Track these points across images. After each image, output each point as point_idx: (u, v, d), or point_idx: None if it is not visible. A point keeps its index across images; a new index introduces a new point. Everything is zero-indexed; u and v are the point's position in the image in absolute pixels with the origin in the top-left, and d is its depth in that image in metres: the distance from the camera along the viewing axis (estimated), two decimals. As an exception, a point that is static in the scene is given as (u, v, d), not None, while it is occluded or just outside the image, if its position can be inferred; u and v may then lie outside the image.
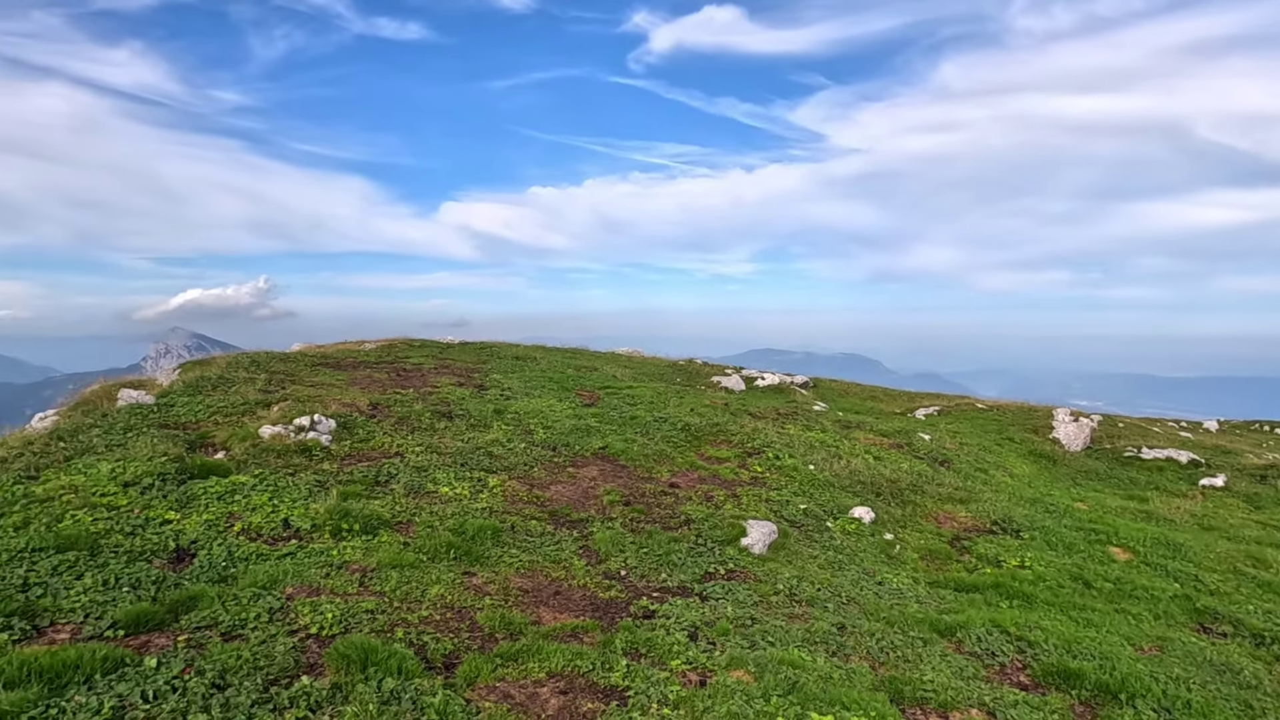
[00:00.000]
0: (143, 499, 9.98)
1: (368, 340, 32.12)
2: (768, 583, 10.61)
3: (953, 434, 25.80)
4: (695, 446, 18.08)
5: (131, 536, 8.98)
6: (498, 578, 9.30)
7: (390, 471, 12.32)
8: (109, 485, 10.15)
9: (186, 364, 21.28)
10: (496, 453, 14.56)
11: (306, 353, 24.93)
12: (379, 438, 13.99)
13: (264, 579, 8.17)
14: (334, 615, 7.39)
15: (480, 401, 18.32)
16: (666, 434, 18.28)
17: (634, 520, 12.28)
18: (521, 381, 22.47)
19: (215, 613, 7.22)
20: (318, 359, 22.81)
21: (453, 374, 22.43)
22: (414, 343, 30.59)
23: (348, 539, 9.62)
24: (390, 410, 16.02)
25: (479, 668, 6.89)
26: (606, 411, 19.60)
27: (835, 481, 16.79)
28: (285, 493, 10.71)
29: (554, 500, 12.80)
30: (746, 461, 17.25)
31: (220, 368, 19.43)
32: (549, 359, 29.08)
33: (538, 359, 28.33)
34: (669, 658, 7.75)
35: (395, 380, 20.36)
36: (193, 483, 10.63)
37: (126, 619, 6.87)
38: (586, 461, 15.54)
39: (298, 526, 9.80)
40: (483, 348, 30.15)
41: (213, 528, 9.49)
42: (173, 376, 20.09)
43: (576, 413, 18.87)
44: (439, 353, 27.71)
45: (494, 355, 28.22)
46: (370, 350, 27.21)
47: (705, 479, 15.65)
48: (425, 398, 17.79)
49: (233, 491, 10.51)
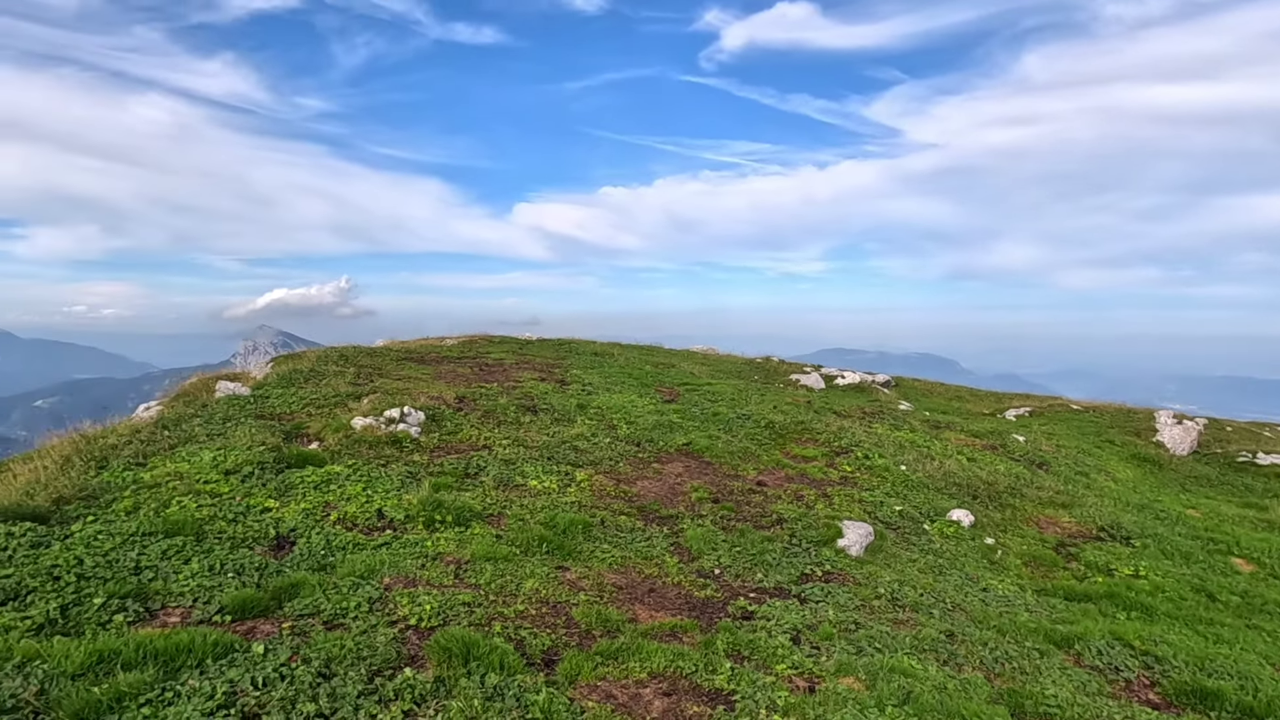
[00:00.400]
0: (243, 487, 10.15)
1: (448, 336, 32.63)
2: (868, 586, 10.11)
3: (1048, 436, 24.57)
4: (780, 444, 17.60)
5: (234, 523, 9.11)
6: (591, 573, 9.09)
7: (479, 464, 12.29)
8: (211, 473, 10.37)
9: (279, 358, 21.89)
10: (582, 447, 14.42)
11: (391, 347, 25.40)
12: (466, 430, 14.01)
13: (362, 568, 8.15)
14: (432, 607, 7.28)
15: (563, 396, 18.25)
16: (750, 431, 17.85)
17: (724, 518, 11.93)
18: (601, 377, 22.36)
19: (317, 601, 7.20)
20: (402, 354, 23.18)
21: (534, 369, 22.48)
22: (494, 339, 30.89)
23: (441, 530, 9.57)
24: (476, 404, 16.07)
25: (579, 665, 6.67)
26: (688, 408, 19.28)
27: (929, 483, 16.08)
28: (378, 483, 10.76)
29: (642, 496, 12.56)
30: (835, 461, 16.68)
31: (311, 361, 19.90)
32: (626, 355, 28.95)
33: (615, 355, 28.23)
34: (773, 661, 7.39)
35: (478, 374, 20.50)
36: (290, 472, 10.78)
37: (233, 604, 6.90)
38: (671, 458, 15.26)
39: (392, 517, 9.80)
40: (561, 344, 30.23)
41: (310, 516, 9.57)
42: (266, 370, 20.69)
43: (658, 409, 18.62)
44: (518, 348, 27.88)
45: (572, 351, 28.23)
46: (451, 346, 27.57)
47: (793, 478, 15.18)
48: (509, 392, 17.81)
49: (328, 481, 10.61)
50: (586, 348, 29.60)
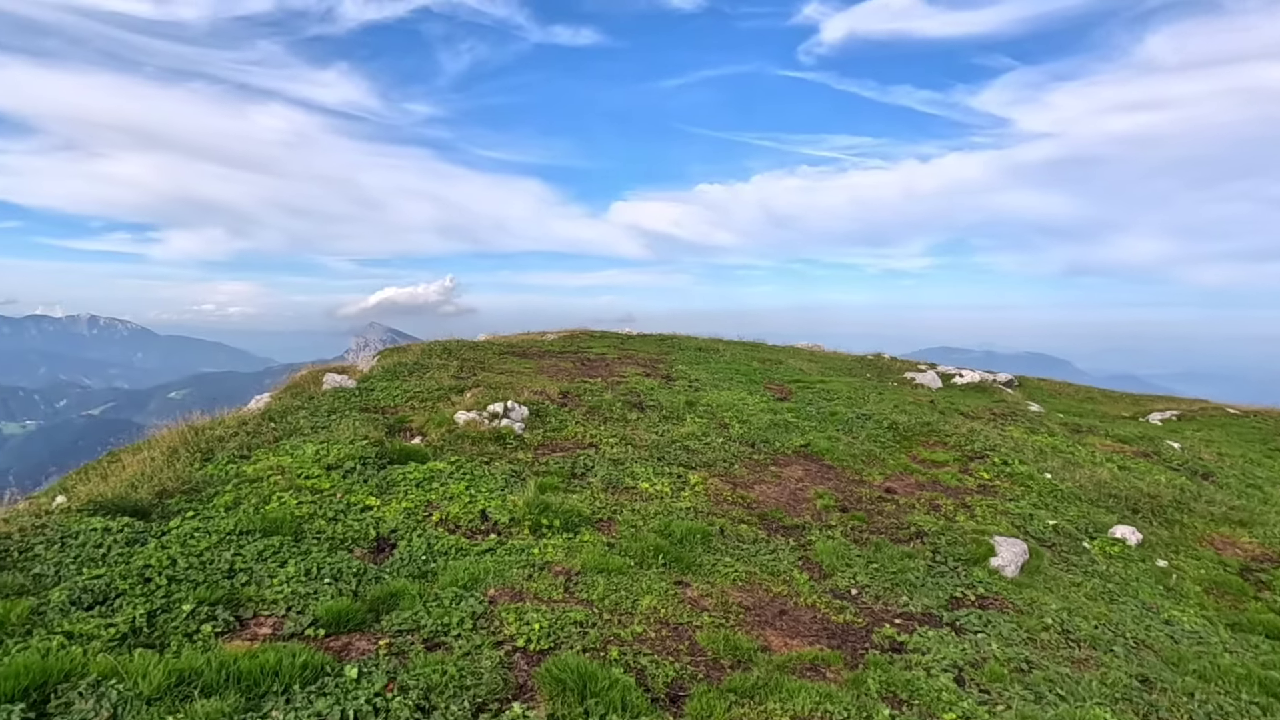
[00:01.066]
0: (344, 483, 9.66)
1: (549, 331, 32.29)
2: (1032, 615, 8.72)
3: (1206, 443, 21.95)
4: (905, 447, 16.13)
5: (333, 522, 8.59)
6: (714, 590, 8.10)
7: (586, 464, 11.48)
8: (313, 468, 9.93)
9: (384, 350, 21.87)
10: (693, 447, 13.44)
11: (493, 342, 25.13)
12: (571, 427, 13.26)
13: (465, 577, 7.42)
14: (541, 626, 6.46)
15: (670, 393, 17.32)
16: (872, 433, 16.44)
17: (855, 530, 10.71)
18: (708, 373, 21.33)
19: (417, 614, 6.49)
20: (504, 348, 22.80)
21: (637, 364, 21.66)
22: (594, 334, 30.31)
23: (548, 536, 8.78)
24: (581, 399, 15.33)
25: (711, 706, 5.69)
26: (802, 407, 18.01)
27: (1081, 494, 14.30)
28: (482, 482, 10.09)
29: (761, 502, 11.47)
30: (969, 466, 15.10)
31: (415, 354, 19.70)
32: (731, 351, 27.80)
33: (720, 351, 27.13)
34: (939, 709, 6.21)
35: (581, 369, 19.83)
36: (392, 468, 10.25)
37: (327, 616, 6.26)
38: (789, 460, 14.08)
39: (496, 519, 9.08)
40: (663, 339, 29.36)
41: (411, 516, 8.96)
42: (372, 362, 20.66)
43: (771, 407, 17.43)
44: (620, 343, 27.18)
45: (675, 346, 27.30)
46: (552, 340, 27.12)
47: (924, 484, 13.74)
48: (614, 387, 17.01)
49: (430, 479, 10.01)
50: (689, 343, 28.62)
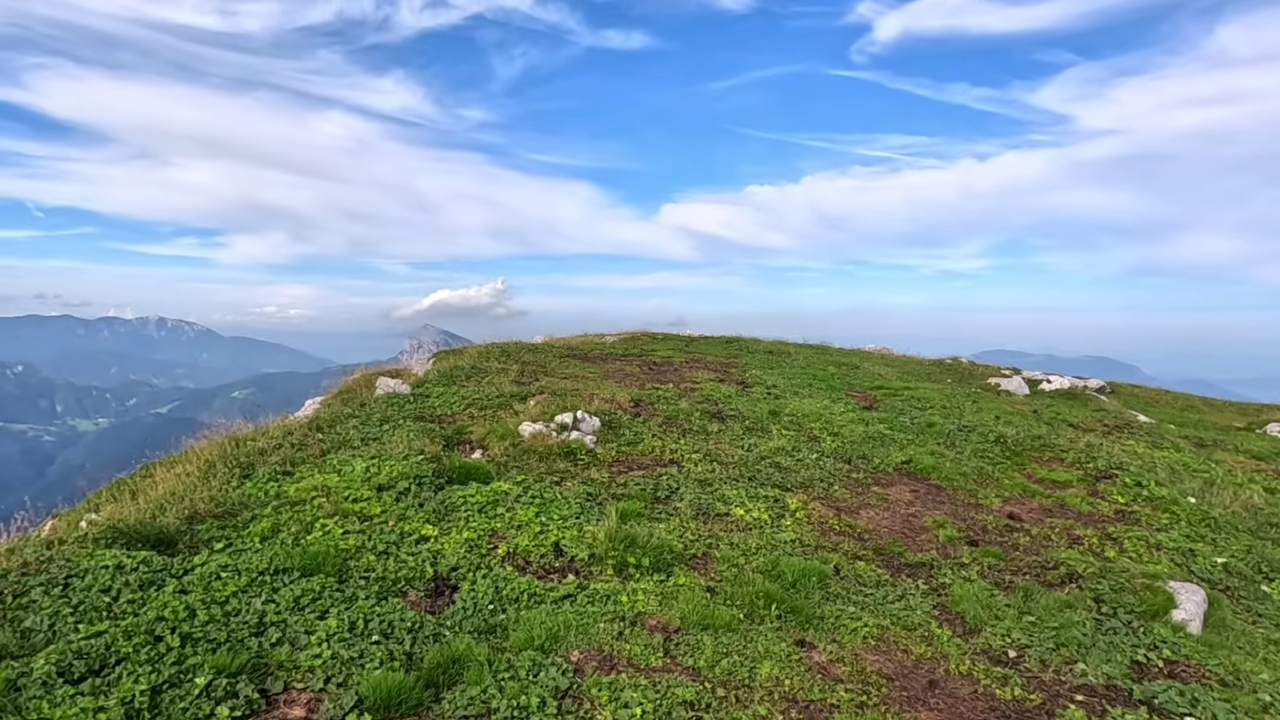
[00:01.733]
0: (397, 507, 8.35)
1: (608, 333, 30.96)
2: (1241, 689, 6.94)
3: (1348, 459, 19.50)
4: (1018, 464, 14.28)
5: (384, 557, 7.27)
6: (844, 653, 6.54)
7: (670, 485, 10.00)
8: (362, 489, 8.66)
9: (440, 353, 20.75)
10: (785, 464, 11.86)
11: (552, 344, 23.88)
12: (648, 440, 11.79)
13: (542, 634, 6.01)
14: (644, 710, 5.01)
15: (749, 401, 15.75)
16: (978, 447, 14.62)
17: (992, 568, 9.01)
18: (784, 379, 19.68)
19: (486, 691, 5.09)
20: (564, 350, 21.50)
21: (707, 368, 20.13)
22: (656, 335, 28.87)
23: (636, 578, 7.32)
24: (654, 408, 13.86)
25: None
26: (894, 417, 16.26)
27: (1236, 522, 12.30)
28: (553, 507, 8.68)
29: (873, 532, 9.84)
30: (1097, 488, 13.19)
31: (472, 357, 18.51)
32: (802, 355, 26.08)
33: (792, 354, 25.42)
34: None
35: (649, 374, 18.38)
36: (450, 489, 8.91)
37: (375, 695, 4.90)
38: (891, 479, 12.41)
39: (573, 554, 7.66)
40: (730, 341, 27.77)
41: (474, 550, 7.59)
42: (427, 366, 19.55)
43: (861, 417, 15.73)
44: (685, 345, 25.69)
45: (744, 349, 25.69)
46: (613, 342, 25.76)
47: (1051, 510, 11.93)
48: (688, 394, 15.51)
49: (494, 502, 8.64)
50: (758, 345, 26.97)
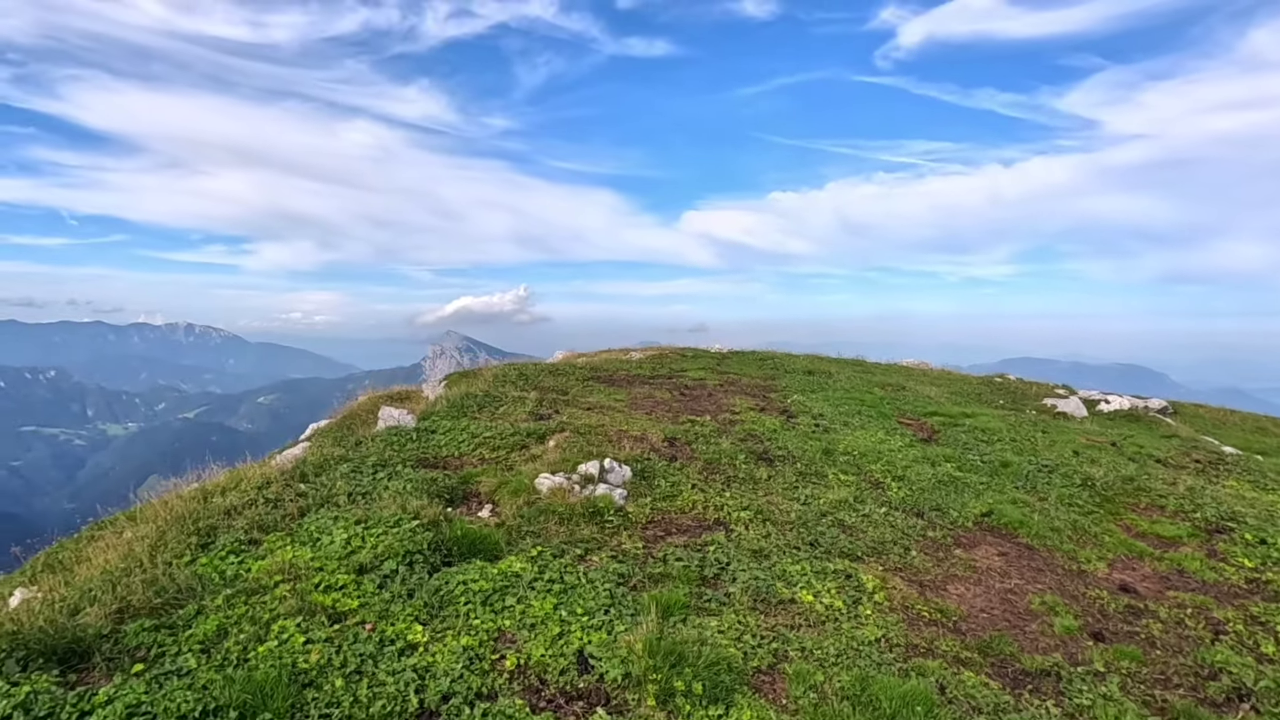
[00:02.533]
0: (379, 598, 6.63)
1: (633, 349, 29.22)
2: None
3: None
4: (1111, 513, 12.32)
5: (355, 680, 5.53)
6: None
7: (719, 558, 8.17)
8: (338, 571, 6.94)
9: (453, 376, 19.14)
10: (849, 522, 10.02)
11: (574, 364, 22.18)
12: (687, 493, 9.99)
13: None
14: None
15: (797, 436, 13.91)
16: (1063, 493, 12.68)
17: (1134, 677, 7.09)
18: (829, 405, 17.81)
19: None
20: (586, 372, 19.80)
21: (744, 393, 18.33)
22: (685, 352, 27.09)
23: (686, 711, 5.53)
24: (692, 448, 12.07)
25: None
26: (962, 454, 14.33)
27: (1391, 593, 10.27)
28: (577, 595, 6.92)
29: (970, 618, 7.97)
30: (1213, 545, 11.20)
31: (487, 382, 16.85)
32: (844, 374, 24.17)
33: (832, 374, 23.51)
34: None
35: (682, 400, 16.60)
36: (448, 573, 7.16)
37: None
38: (973, 537, 10.52)
39: (603, 671, 5.88)
40: (764, 359, 25.93)
41: (474, 666, 5.83)
42: (438, 390, 17.95)
43: (924, 454, 13.83)
44: (715, 364, 23.89)
45: (780, 369, 23.84)
46: (639, 360, 24.02)
47: (1169, 577, 9.97)
48: (728, 429, 13.70)
49: (503, 590, 6.89)
50: (794, 364, 25.09)
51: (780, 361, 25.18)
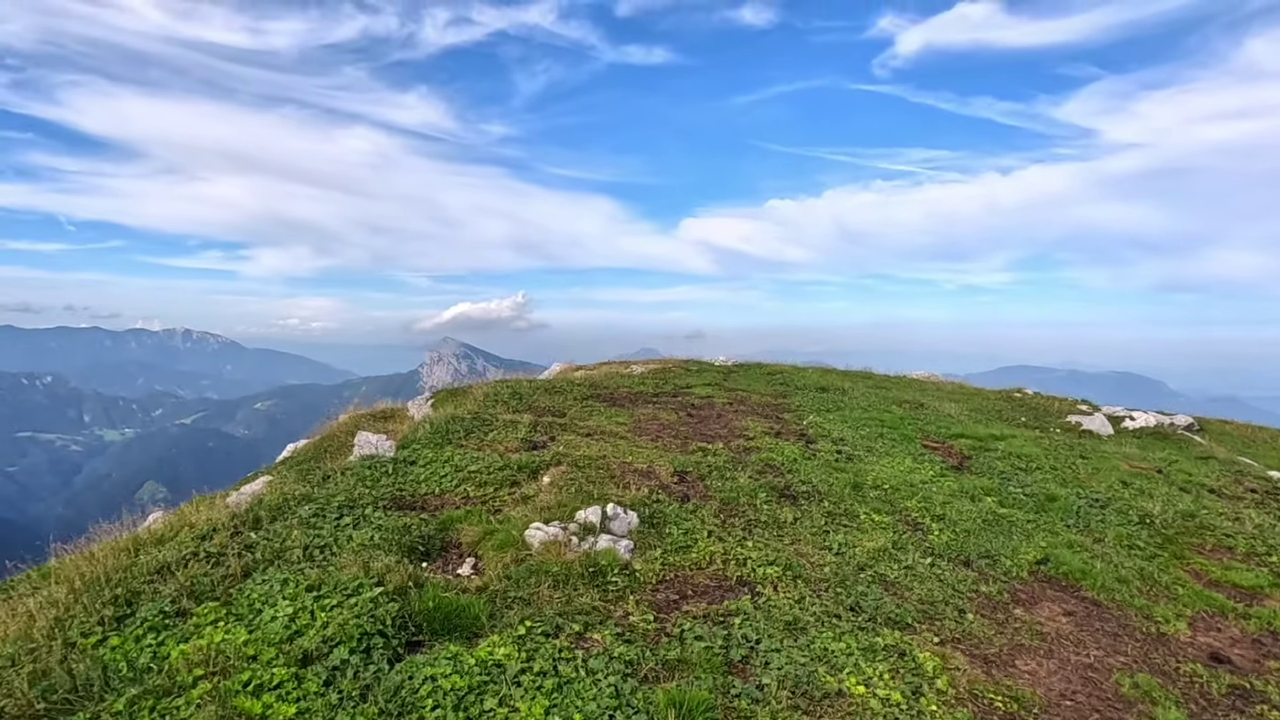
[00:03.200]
0: (323, 701, 5.22)
1: (633, 361, 27.85)
2: None
3: None
4: (1175, 555, 10.95)
5: (277, 836, 4.16)
6: None
7: (746, 635, 6.73)
8: (275, 663, 5.54)
9: (440, 394, 17.77)
10: (891, 576, 8.62)
11: (572, 379, 20.80)
12: (703, 543, 8.58)
13: None
14: None
15: (819, 466, 12.52)
16: (1121, 532, 11.30)
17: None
18: (848, 426, 16.43)
19: None
20: (586, 390, 18.41)
21: (756, 414, 16.94)
22: (689, 366, 25.71)
23: None
24: (705, 483, 10.67)
25: None
26: (1000, 485, 12.95)
27: None
28: (573, 695, 5.52)
29: (1050, 710, 6.56)
30: (1297, 597, 9.84)
31: (476, 401, 15.46)
32: (858, 390, 22.79)
33: (846, 390, 22.13)
34: None
35: (690, 423, 15.20)
36: (415, 661, 5.76)
37: None
38: (1031, 591, 9.13)
39: (606, 814, 4.50)
40: (772, 374, 24.55)
41: (439, 806, 4.45)
42: (424, 409, 16.58)
43: (962, 487, 12.45)
44: (722, 379, 22.50)
45: (790, 384, 22.46)
46: (641, 375, 22.64)
47: (1262, 641, 8.59)
48: (743, 458, 12.32)
49: (481, 688, 5.49)
50: (804, 379, 23.70)
51: (790, 376, 23.80)
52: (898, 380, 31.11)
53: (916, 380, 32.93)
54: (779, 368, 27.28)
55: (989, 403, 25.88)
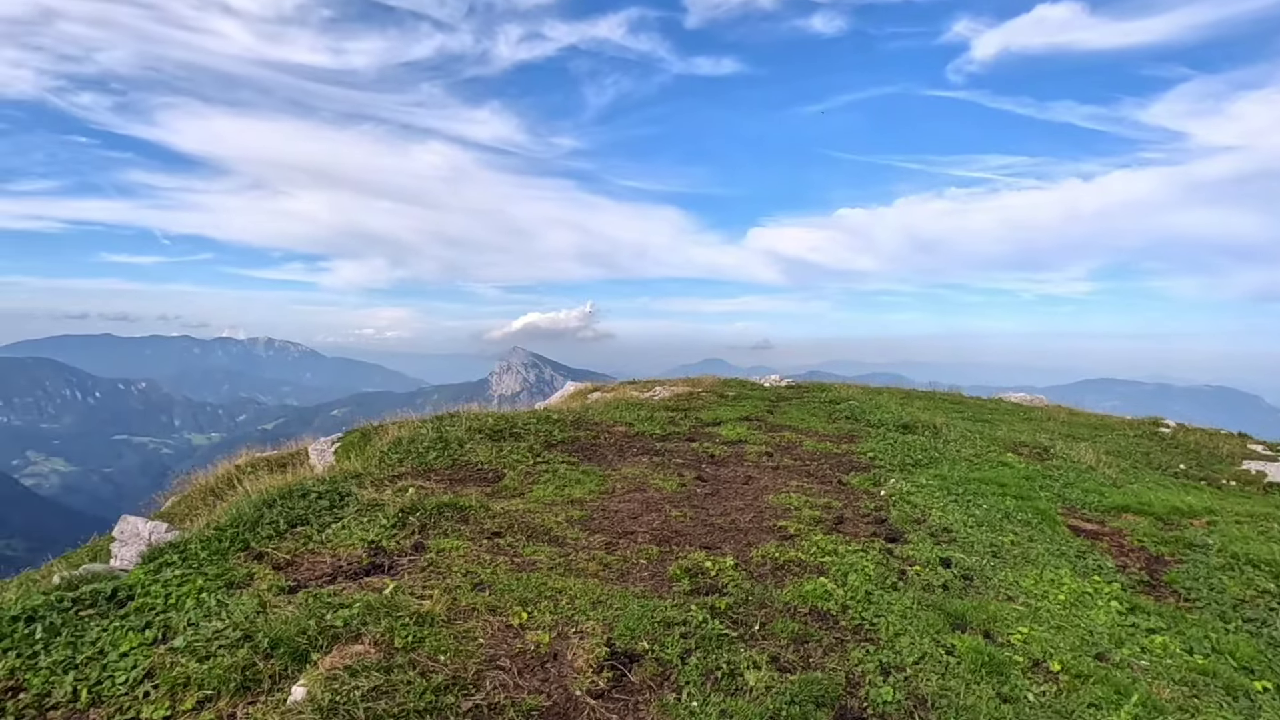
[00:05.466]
0: None
1: (660, 382, 22.22)
2: None
3: None
4: None
5: None
6: None
7: None
8: None
9: (350, 436, 12.60)
10: None
11: (564, 411, 15.33)
12: None
13: None
14: None
15: (913, 612, 6.66)
16: None
17: None
18: (955, 502, 10.44)
19: None
20: (566, 429, 12.90)
21: (805, 473, 11.14)
22: (726, 389, 19.98)
23: None
24: (662, 703, 5.04)
25: None
26: (1269, 653, 6.92)
27: None
28: None
29: None
30: None
31: (379, 452, 10.17)
32: (949, 424, 16.62)
33: (938, 429, 15.96)
34: None
35: (695, 495, 9.51)
36: None
37: None
38: None
39: None
40: (834, 402, 18.56)
41: None
42: (327, 456, 11.42)
43: (1195, 664, 6.49)
44: (766, 409, 16.74)
45: (859, 417, 16.46)
46: (658, 403, 17.06)
47: None
48: (766, 592, 6.61)
49: None
50: (878, 408, 17.61)
51: (860, 405, 17.76)
52: (996, 406, 24.67)
53: (1019, 405, 26.39)
54: (844, 390, 21.22)
55: (1128, 441, 19.33)
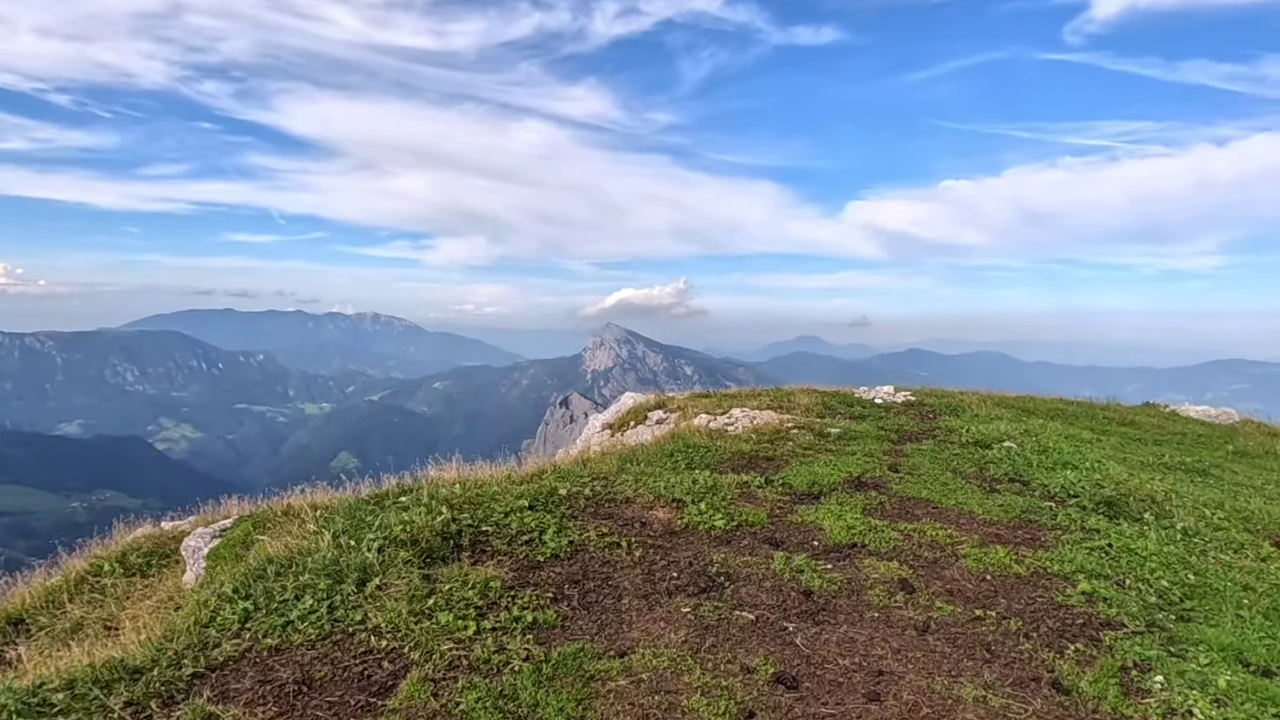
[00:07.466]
0: None
1: (737, 397, 17.19)
2: None
3: None
4: None
5: None
6: None
7: None
8: None
9: (239, 527, 8.26)
10: None
11: (575, 479, 10.70)
12: None
13: None
14: None
15: None
16: None
17: None
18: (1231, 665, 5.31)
19: None
20: (578, 513, 8.29)
21: (984, 645, 6.18)
22: (828, 408, 14.85)
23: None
24: None
25: None
26: None
27: None
28: None
29: None
30: None
31: (205, 612, 5.75)
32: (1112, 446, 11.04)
33: (1162, 506, 10.40)
34: None
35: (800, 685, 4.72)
36: None
37: None
38: None
39: None
40: (982, 443, 13.14)
41: None
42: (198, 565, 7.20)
43: None
44: (887, 458, 11.62)
45: (1021, 474, 11.11)
46: (738, 438, 12.16)
47: None
48: None
49: None
50: (1045, 452, 12.11)
51: (1018, 449, 12.24)
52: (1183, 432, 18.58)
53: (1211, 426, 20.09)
54: (980, 408, 15.56)
55: None
